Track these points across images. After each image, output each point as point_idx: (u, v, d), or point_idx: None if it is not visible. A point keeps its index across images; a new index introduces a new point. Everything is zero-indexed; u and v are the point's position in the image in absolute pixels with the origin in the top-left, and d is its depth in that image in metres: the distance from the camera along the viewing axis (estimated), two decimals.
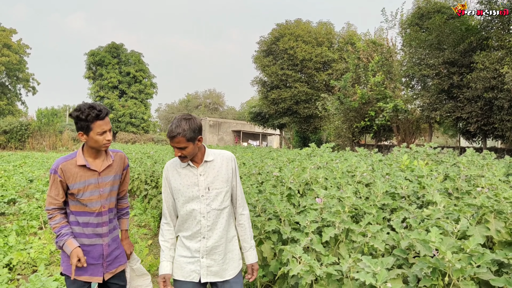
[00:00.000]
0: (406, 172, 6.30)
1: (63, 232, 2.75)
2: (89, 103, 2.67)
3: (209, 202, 2.57)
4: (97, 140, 2.71)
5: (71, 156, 2.81)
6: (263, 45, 31.84)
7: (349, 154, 11.50)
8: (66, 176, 2.73)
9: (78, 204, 2.80)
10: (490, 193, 3.89)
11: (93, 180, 2.81)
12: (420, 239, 2.60)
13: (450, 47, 18.14)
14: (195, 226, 2.59)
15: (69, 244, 2.72)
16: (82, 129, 2.68)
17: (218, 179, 2.61)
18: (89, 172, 2.80)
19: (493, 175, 5.17)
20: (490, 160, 8.31)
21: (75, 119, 2.66)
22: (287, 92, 30.11)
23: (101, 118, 2.67)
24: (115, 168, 2.96)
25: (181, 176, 2.59)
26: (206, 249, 2.59)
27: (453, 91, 18.38)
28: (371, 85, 23.99)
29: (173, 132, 2.45)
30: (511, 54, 14.99)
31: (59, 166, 2.73)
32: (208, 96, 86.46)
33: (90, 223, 2.82)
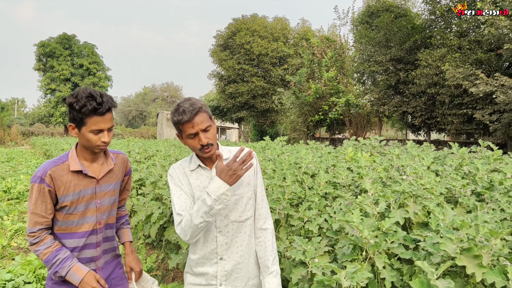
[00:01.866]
0: (350, 163, 6.76)
1: (62, 257, 2.08)
2: (90, 90, 2.03)
3: (226, 212, 2.01)
4: (89, 139, 2.06)
5: (61, 159, 2.13)
6: (220, 39, 31.97)
7: (301, 147, 11.98)
8: (57, 185, 2.06)
9: (66, 223, 2.13)
10: (413, 181, 4.38)
11: (89, 190, 2.16)
12: (344, 220, 2.98)
13: (397, 45, 19.10)
14: (209, 244, 2.02)
15: (77, 271, 2.08)
16: (74, 120, 2.04)
17: (239, 181, 2.04)
18: (86, 180, 2.14)
19: (421, 165, 5.73)
20: (428, 152, 9.05)
21: (68, 106, 2.02)
22: (244, 86, 30.47)
23: (100, 113, 2.02)
24: (116, 174, 2.32)
25: (191, 181, 2.02)
26: (225, 274, 2.03)
27: (399, 86, 19.39)
28: (325, 80, 24.80)
29: (194, 106, 1.87)
30: (452, 52, 16.03)
31: (47, 172, 2.04)
32: (166, 89, 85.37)
33: (81, 246, 2.18)
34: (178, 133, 1.97)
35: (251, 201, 2.08)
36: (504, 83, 12.80)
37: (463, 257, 2.34)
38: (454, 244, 2.39)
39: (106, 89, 54.50)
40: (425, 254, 2.72)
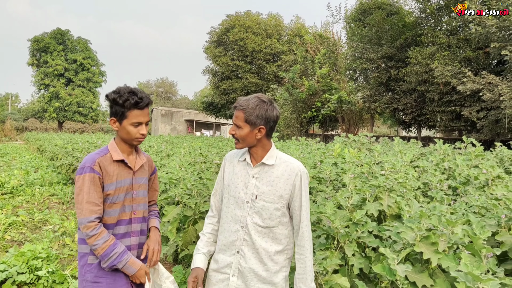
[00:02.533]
0: (337, 159, 6.98)
1: (119, 251, 2.23)
2: (130, 87, 2.27)
3: (251, 213, 2.14)
4: (129, 132, 2.26)
5: (102, 151, 2.31)
6: (213, 35, 32.06)
7: (291, 143, 12.19)
8: (103, 174, 2.23)
9: (108, 213, 2.28)
10: (389, 175, 4.60)
11: (128, 180, 2.35)
12: (318, 212, 3.18)
13: (388, 43, 19.32)
14: (232, 234, 2.18)
15: (133, 264, 2.27)
16: (116, 114, 2.25)
17: (271, 190, 2.13)
18: (125, 170, 2.34)
19: (402, 161, 5.95)
20: (414, 148, 9.31)
21: (111, 101, 2.24)
22: (238, 82, 30.61)
23: (140, 107, 2.24)
24: (146, 170, 2.51)
25: (235, 170, 2.22)
26: (239, 267, 2.15)
27: (390, 84, 19.63)
28: (318, 77, 25.02)
29: (237, 102, 2.11)
30: (441, 50, 16.27)
31: (95, 161, 2.21)
32: (160, 85, 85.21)
33: (117, 234, 2.32)
34: (263, 125, 2.09)
35: (278, 213, 2.14)
36: (490, 81, 13.06)
37: (421, 244, 2.55)
38: (413, 232, 2.60)
39: (100, 84, 54.46)
40: (391, 242, 2.93)
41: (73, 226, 6.94)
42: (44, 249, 5.04)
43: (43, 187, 11.25)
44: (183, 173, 5.25)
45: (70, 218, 7.74)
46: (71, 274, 4.69)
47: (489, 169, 4.97)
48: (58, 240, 6.33)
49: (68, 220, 7.61)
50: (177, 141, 16.66)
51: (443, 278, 2.56)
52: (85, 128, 57.45)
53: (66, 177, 12.66)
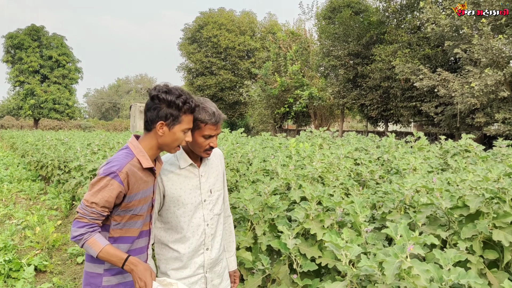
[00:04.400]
0: (291, 153, 7.45)
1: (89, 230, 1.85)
2: (181, 88, 2.01)
3: (211, 207, 2.22)
4: (177, 138, 1.97)
5: (129, 156, 1.95)
6: (187, 32, 32.29)
7: (253, 139, 12.67)
8: (131, 183, 1.90)
9: (128, 225, 1.98)
10: (318, 166, 5.09)
11: (151, 189, 2.06)
12: (237, 197, 3.63)
13: (354, 40, 19.96)
14: (199, 237, 2.19)
15: (93, 245, 1.82)
16: (166, 118, 1.92)
17: (218, 179, 2.28)
18: (150, 178, 2.04)
19: (341, 153, 6.47)
20: (366, 141, 9.87)
21: (164, 102, 1.92)
22: (212, 79, 30.94)
23: (195, 111, 2.03)
24: None
25: (181, 178, 2.12)
26: (211, 262, 2.24)
27: (357, 80, 20.30)
28: (290, 74, 25.60)
29: (220, 112, 2.06)
30: (403, 48, 16.96)
31: (122, 169, 1.87)
32: (140, 81, 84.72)
33: (136, 249, 2.06)
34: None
35: (223, 195, 2.36)
36: (445, 77, 13.77)
37: (310, 221, 3.03)
38: (305, 212, 3.08)
39: (76, 81, 53.98)
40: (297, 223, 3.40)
41: (36, 220, 7.26)
42: (2, 240, 5.38)
43: (11, 184, 11.45)
44: None
45: (34, 213, 8.03)
46: (27, 262, 5.04)
47: (411, 159, 5.52)
48: (19, 232, 6.65)
49: (32, 214, 7.90)
50: None
51: (330, 251, 3.05)
52: (62, 125, 56.83)
53: (35, 174, 12.86)
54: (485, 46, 12.13)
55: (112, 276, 1.97)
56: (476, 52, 12.45)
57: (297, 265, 2.97)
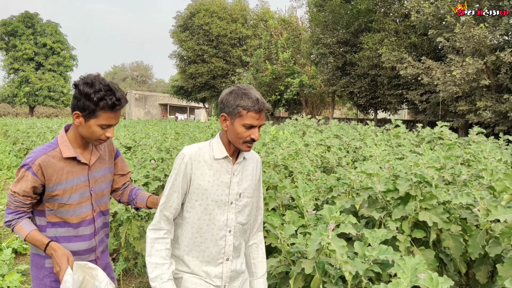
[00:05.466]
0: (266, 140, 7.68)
1: (16, 217, 1.99)
2: (106, 80, 1.95)
3: (237, 212, 1.97)
4: (94, 132, 1.96)
5: (50, 146, 2.00)
6: (179, 20, 32.25)
7: None
8: (47, 174, 1.94)
9: (60, 213, 2.03)
10: (284, 152, 5.32)
11: (83, 178, 2.06)
12: None
13: (343, 28, 20.07)
14: (216, 243, 1.94)
15: (20, 230, 1.96)
16: (83, 109, 1.91)
17: (251, 186, 2.02)
18: (78, 167, 2.04)
19: (312, 140, 6.72)
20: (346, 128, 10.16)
21: (82, 94, 1.90)
22: (204, 67, 31.02)
23: (116, 110, 1.95)
24: (105, 159, 2.23)
25: (212, 171, 1.90)
26: (230, 275, 1.99)
27: (346, 68, 20.47)
28: (281, 61, 25.73)
29: (264, 101, 1.85)
30: (390, 36, 17.10)
31: (35, 161, 1.92)
32: (136, 68, 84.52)
33: (80, 235, 2.09)
34: (226, 114, 1.83)
35: (253, 207, 2.09)
36: (429, 66, 13.97)
37: None
38: None
39: (71, 68, 53.93)
40: None
41: None
42: None
43: (1, 171, 11.66)
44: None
45: None
46: (6, 245, 5.29)
47: (373, 147, 5.76)
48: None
49: None
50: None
51: (272, 233, 3.30)
52: (58, 113, 56.86)
53: None
54: (467, 34, 12.31)
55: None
56: (458, 41, 12.64)
57: None
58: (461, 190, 3.19)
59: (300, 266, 2.72)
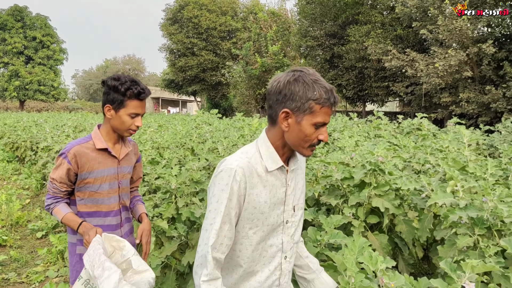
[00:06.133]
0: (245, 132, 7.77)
1: (55, 201, 2.21)
2: (130, 76, 2.18)
3: (293, 231, 1.58)
4: (124, 121, 2.16)
5: (85, 139, 2.23)
6: (169, 12, 32.12)
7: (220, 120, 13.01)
8: (81, 163, 2.14)
9: (91, 201, 2.23)
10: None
11: (113, 170, 2.27)
12: (163, 174, 3.95)
13: (331, 20, 20.14)
14: (272, 274, 1.56)
15: (57, 213, 2.18)
16: (113, 102, 2.14)
17: (303, 192, 1.66)
18: (110, 159, 2.26)
19: None
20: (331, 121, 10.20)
21: (110, 88, 2.13)
22: (194, 60, 30.98)
23: (141, 98, 2.15)
24: (131, 158, 2.43)
25: (267, 187, 1.46)
26: None
27: (334, 60, 20.58)
28: (270, 54, 25.75)
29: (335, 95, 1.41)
30: (376, 28, 17.21)
31: (70, 150, 2.13)
32: (128, 62, 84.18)
33: (107, 225, 2.27)
34: (290, 110, 1.38)
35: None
36: (413, 58, 14.11)
37: None
38: None
39: (61, 62, 53.52)
40: None
41: (4, 198, 7.57)
42: None
43: None
44: None
45: (2, 191, 8.33)
46: None
47: (347, 138, 5.89)
48: None
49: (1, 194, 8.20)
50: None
51: None
52: (49, 107, 56.47)
53: (11, 155, 13.09)
54: (449, 27, 12.44)
55: (83, 246, 2.20)
56: (441, 33, 12.77)
57: None
58: (412, 177, 3.32)
59: None
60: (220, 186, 1.38)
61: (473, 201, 2.43)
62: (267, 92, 1.48)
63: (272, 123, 1.46)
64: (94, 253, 1.91)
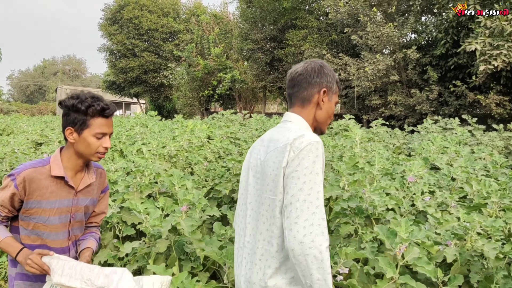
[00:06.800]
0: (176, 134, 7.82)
1: None
2: (91, 93, 1.95)
3: None
4: (90, 144, 1.90)
5: (41, 162, 1.95)
6: (108, 12, 31.29)
7: (159, 122, 12.94)
8: (30, 189, 1.88)
9: (35, 234, 1.94)
10: (182, 143, 5.51)
11: (66, 202, 1.97)
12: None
13: (271, 24, 20.57)
14: None
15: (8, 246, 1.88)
16: (74, 123, 1.89)
17: None
18: (65, 189, 1.96)
19: (214, 133, 6.97)
20: (267, 122, 10.53)
21: (69, 108, 1.90)
22: (135, 61, 30.40)
23: (106, 115, 1.93)
24: (94, 190, 2.12)
25: None
26: None
27: (275, 63, 21.02)
28: (213, 56, 25.85)
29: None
30: (312, 33, 17.79)
31: (21, 173, 1.87)
32: (68, 62, 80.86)
33: None
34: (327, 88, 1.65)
35: None
36: (346, 62, 14.77)
37: (131, 192, 3.46)
38: (124, 184, 3.51)
39: None
40: None
41: None
42: None
43: None
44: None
45: None
46: None
47: None
48: None
49: None
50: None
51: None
52: None
53: None
54: (377, 33, 13.17)
55: (21, 281, 1.96)
56: (370, 39, 13.49)
57: (119, 231, 3.38)
58: None
59: (157, 246, 2.94)
60: (310, 159, 1.45)
61: (357, 193, 2.68)
62: (295, 76, 1.66)
63: (303, 104, 1.63)
64: (71, 268, 1.76)
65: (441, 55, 13.35)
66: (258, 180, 1.60)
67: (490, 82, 12.28)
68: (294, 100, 1.67)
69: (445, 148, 5.86)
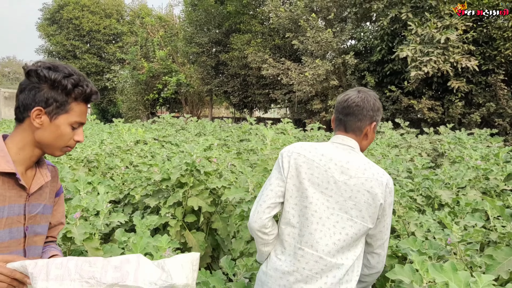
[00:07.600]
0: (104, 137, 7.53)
1: None
2: (74, 68, 1.40)
3: None
4: (63, 134, 1.37)
5: None
6: (46, 12, 29.89)
7: (95, 125, 12.48)
8: None
9: None
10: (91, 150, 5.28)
11: (17, 208, 1.34)
12: None
13: (215, 28, 20.50)
14: None
15: None
16: (47, 104, 1.32)
17: None
18: (14, 191, 1.33)
19: (144, 136, 6.78)
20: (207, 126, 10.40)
21: (46, 81, 1.31)
22: (76, 63, 29.25)
23: (92, 101, 1.43)
24: (47, 193, 1.48)
25: None
26: None
27: (220, 67, 20.95)
28: (158, 59, 25.34)
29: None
30: (256, 38, 17.92)
31: None
32: (7, 64, 76.55)
33: None
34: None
35: None
36: (288, 67, 14.96)
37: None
38: None
39: None
40: None
41: None
42: None
43: None
44: None
45: None
46: None
47: (209, 140, 6.04)
48: None
49: None
50: None
51: None
52: None
53: None
54: (316, 38, 13.44)
55: None
56: (310, 44, 13.74)
57: None
58: (222, 176, 3.50)
59: None
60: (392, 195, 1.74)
61: None
62: (352, 104, 1.72)
63: (355, 133, 1.75)
64: (60, 268, 1.22)
65: (377, 61, 13.82)
66: (330, 198, 1.67)
67: (422, 87, 12.85)
68: (349, 127, 1.77)
69: (372, 151, 6.01)
